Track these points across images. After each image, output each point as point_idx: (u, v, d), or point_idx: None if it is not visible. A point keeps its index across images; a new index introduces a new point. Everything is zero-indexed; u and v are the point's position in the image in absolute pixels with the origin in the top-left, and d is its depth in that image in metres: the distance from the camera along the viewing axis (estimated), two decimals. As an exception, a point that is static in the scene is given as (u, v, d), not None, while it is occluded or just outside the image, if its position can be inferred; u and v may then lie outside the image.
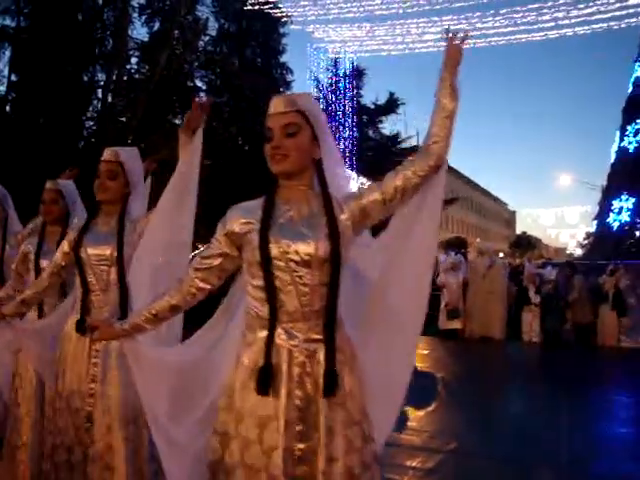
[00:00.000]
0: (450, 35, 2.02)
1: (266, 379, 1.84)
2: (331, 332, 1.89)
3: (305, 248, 1.87)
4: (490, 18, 21.96)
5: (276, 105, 1.97)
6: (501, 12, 21.79)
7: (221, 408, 1.94)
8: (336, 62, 22.79)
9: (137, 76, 19.16)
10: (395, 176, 1.96)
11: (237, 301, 2.17)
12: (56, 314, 3.17)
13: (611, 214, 18.93)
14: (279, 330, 1.89)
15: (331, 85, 24.18)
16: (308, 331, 1.89)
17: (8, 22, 16.62)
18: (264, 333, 1.89)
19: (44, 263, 3.35)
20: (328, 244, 1.87)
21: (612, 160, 20.53)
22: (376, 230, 2.19)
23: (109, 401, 2.70)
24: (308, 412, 1.85)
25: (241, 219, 1.97)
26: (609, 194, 19.85)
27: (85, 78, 17.44)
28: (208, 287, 2.05)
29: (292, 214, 1.95)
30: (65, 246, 2.94)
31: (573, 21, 20.77)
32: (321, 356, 1.88)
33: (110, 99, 17.90)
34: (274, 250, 1.87)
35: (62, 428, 2.76)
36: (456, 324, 12.05)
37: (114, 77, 17.88)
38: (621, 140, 19.77)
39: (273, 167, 1.93)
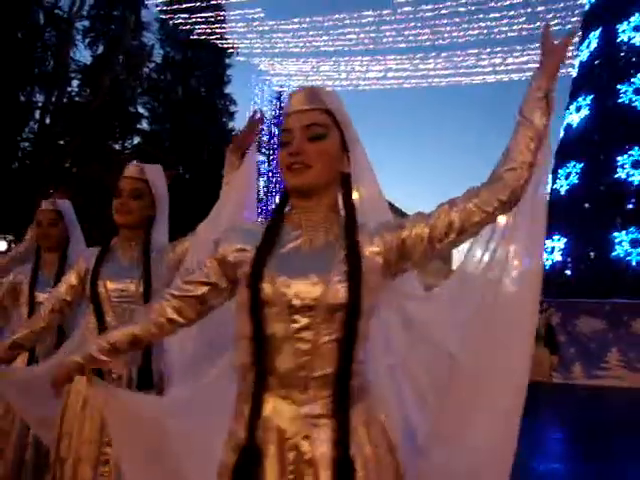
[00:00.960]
0: (550, 30, 1.54)
1: (246, 467, 1.38)
2: (343, 406, 1.39)
3: (308, 290, 1.39)
4: (431, 60, 22.84)
5: (296, 100, 1.52)
6: (443, 55, 22.73)
7: None
8: (280, 95, 22.98)
9: (78, 99, 18.81)
10: (450, 208, 1.46)
11: None
12: (55, 359, 2.57)
13: (544, 253, 19.62)
14: (268, 400, 1.42)
15: (275, 117, 24.35)
16: (306, 403, 1.41)
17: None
18: (249, 403, 1.43)
19: (40, 297, 2.90)
20: (343, 286, 1.39)
21: (545, 201, 21.36)
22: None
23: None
24: None
25: (237, 244, 1.50)
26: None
27: (22, 97, 16.97)
28: (181, 321, 1.56)
29: (300, 243, 1.48)
30: (73, 278, 2.42)
31: (510, 67, 22.18)
32: (324, 437, 1.39)
33: (48, 121, 17.46)
34: (267, 289, 1.40)
35: None
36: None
37: (53, 99, 17.48)
38: (553, 183, 20.56)
39: (290, 180, 1.48)
